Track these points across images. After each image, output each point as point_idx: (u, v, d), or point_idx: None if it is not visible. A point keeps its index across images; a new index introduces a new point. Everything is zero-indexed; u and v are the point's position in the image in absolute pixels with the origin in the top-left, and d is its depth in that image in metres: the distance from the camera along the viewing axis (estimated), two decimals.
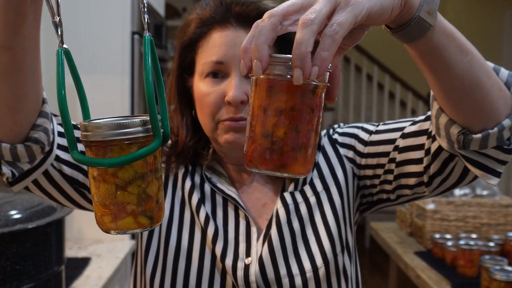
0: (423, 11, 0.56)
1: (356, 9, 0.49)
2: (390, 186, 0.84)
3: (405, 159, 0.80)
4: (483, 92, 0.63)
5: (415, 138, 0.78)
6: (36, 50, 0.65)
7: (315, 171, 0.89)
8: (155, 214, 0.57)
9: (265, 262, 0.82)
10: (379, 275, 4.25)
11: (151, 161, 0.56)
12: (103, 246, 1.91)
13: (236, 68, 0.81)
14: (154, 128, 0.53)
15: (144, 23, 0.55)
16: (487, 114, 0.65)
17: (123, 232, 0.56)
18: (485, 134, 0.65)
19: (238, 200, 0.87)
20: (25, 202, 1.22)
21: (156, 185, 0.57)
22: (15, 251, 1.11)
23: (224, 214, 0.87)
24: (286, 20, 0.50)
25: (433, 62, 0.62)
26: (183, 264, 0.84)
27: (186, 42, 0.86)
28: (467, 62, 0.61)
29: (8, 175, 0.71)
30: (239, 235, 0.85)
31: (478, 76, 0.63)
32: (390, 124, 0.87)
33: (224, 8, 0.83)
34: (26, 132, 0.69)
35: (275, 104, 0.50)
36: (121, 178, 0.55)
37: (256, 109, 0.52)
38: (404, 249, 2.11)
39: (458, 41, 0.61)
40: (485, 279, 1.57)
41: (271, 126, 0.51)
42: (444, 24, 0.60)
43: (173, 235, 0.86)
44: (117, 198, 0.55)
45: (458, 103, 0.65)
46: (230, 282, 0.83)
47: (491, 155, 0.68)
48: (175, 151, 0.90)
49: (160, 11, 2.54)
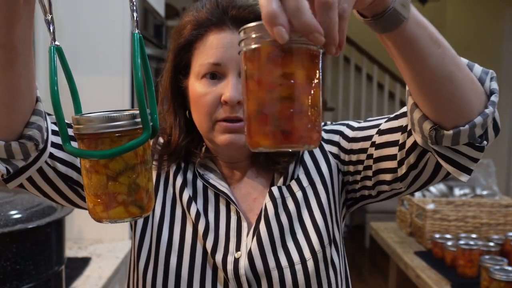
0: (398, 3, 0.57)
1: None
2: (370, 182, 0.85)
3: (381, 155, 0.81)
4: (455, 84, 0.64)
5: (390, 134, 0.79)
6: (29, 49, 0.65)
7: (301, 167, 0.91)
8: (145, 204, 0.59)
9: (254, 255, 0.84)
10: (379, 275, 4.25)
11: (141, 153, 0.58)
12: (103, 246, 1.91)
13: (233, 70, 0.82)
14: (143, 121, 0.55)
15: (133, 21, 0.58)
16: (458, 109, 0.65)
17: (115, 221, 0.58)
18: (456, 131, 0.65)
19: (230, 195, 0.89)
20: (25, 202, 1.22)
21: (146, 176, 0.59)
22: (15, 251, 1.11)
23: (215, 209, 0.89)
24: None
25: (406, 53, 0.63)
26: (175, 259, 0.85)
27: (182, 44, 0.86)
28: (439, 54, 0.63)
29: (3, 172, 0.71)
30: (230, 230, 0.87)
31: (450, 68, 0.64)
32: (371, 121, 0.88)
33: (221, 11, 0.84)
34: (20, 129, 0.70)
35: (277, 71, 0.47)
36: (112, 169, 0.57)
37: (253, 83, 0.49)
38: (404, 249, 2.11)
39: (430, 33, 0.62)
40: (485, 279, 1.57)
41: (271, 97, 0.48)
42: (417, 16, 0.61)
43: (164, 232, 0.87)
44: (108, 188, 0.57)
45: (430, 96, 0.66)
46: (222, 277, 0.84)
47: (463, 152, 0.68)
48: (167, 150, 0.91)
49: (160, 11, 2.54)
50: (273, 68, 0.48)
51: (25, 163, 0.72)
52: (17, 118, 0.69)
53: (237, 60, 0.82)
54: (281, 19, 0.45)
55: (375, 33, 0.62)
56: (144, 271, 0.86)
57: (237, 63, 0.82)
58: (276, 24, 0.45)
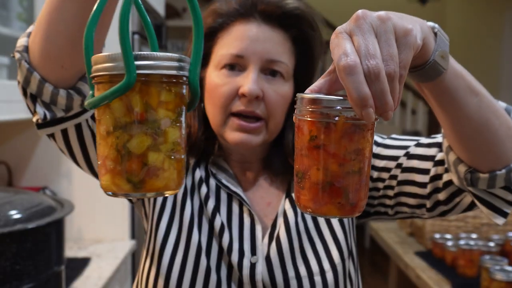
0: (437, 55, 0.57)
1: (414, 45, 0.49)
2: (390, 201, 0.85)
3: (407, 179, 0.80)
4: (491, 132, 0.65)
5: (420, 161, 0.79)
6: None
7: None
8: (137, 179, 0.45)
9: (273, 263, 0.82)
10: (379, 275, 4.24)
11: (139, 109, 0.45)
12: (103, 246, 1.90)
13: (255, 63, 0.81)
14: (125, 63, 0.43)
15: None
16: (495, 155, 0.66)
17: (106, 192, 0.47)
18: (493, 175, 0.66)
19: (243, 196, 0.87)
20: (25, 202, 1.22)
21: (146, 142, 0.45)
22: (15, 251, 1.10)
23: (228, 210, 0.87)
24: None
25: (443, 102, 0.63)
26: (194, 253, 0.83)
27: (206, 31, 0.84)
28: (476, 103, 0.63)
29: (40, 116, 0.69)
30: (244, 231, 0.85)
31: (486, 116, 0.64)
32: (396, 140, 0.87)
33: (251, 3, 0.83)
34: (74, 80, 0.68)
35: (352, 146, 0.49)
36: (102, 125, 0.46)
37: (325, 154, 0.50)
38: (404, 249, 2.11)
39: (468, 83, 0.62)
40: (485, 279, 1.57)
41: (343, 171, 0.49)
42: (455, 67, 0.61)
43: (185, 225, 0.85)
44: (99, 149, 0.47)
45: (466, 142, 0.66)
46: (236, 277, 0.83)
47: (499, 195, 0.69)
48: (188, 143, 0.88)
49: (160, 11, 2.54)
50: (348, 143, 0.49)
51: (64, 114, 0.71)
52: (76, 62, 0.66)
53: (260, 54, 0.81)
54: (371, 102, 0.46)
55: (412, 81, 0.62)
56: (169, 264, 0.83)
57: (259, 57, 0.81)
58: (367, 107, 0.46)
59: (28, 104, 0.71)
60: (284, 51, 0.83)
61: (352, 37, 0.48)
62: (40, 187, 1.89)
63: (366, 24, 0.48)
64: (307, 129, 0.50)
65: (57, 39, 0.64)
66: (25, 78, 0.67)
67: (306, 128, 0.50)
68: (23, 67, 0.67)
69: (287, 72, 0.84)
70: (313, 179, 0.50)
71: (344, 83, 0.46)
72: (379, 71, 0.46)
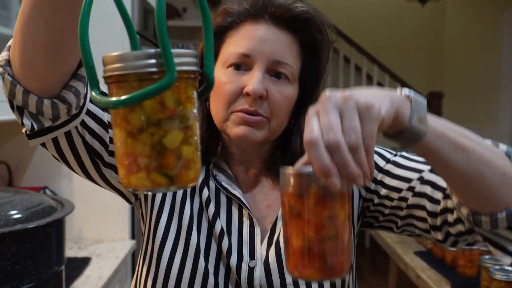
0: (415, 120, 0.60)
1: (377, 117, 0.54)
2: (400, 221, 0.85)
3: (418, 203, 0.81)
4: (484, 182, 0.65)
5: (433, 189, 0.79)
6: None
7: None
8: (175, 173, 0.47)
9: (272, 268, 0.82)
10: (379, 275, 4.24)
11: (171, 105, 0.46)
12: (103, 246, 1.91)
13: (261, 63, 0.82)
14: (165, 61, 0.44)
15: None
16: (492, 200, 0.66)
17: (138, 190, 0.48)
18: (494, 217, 0.66)
19: (243, 199, 0.87)
20: (25, 202, 1.22)
21: (179, 137, 0.46)
22: (15, 251, 1.11)
23: (227, 213, 0.87)
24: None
25: (429, 160, 0.67)
26: (192, 255, 0.83)
27: (215, 30, 0.85)
28: (464, 158, 0.64)
29: (28, 127, 0.70)
30: (243, 235, 0.85)
31: (476, 168, 0.64)
32: (408, 160, 0.86)
33: (261, 4, 0.84)
34: (57, 89, 0.68)
35: (325, 213, 0.54)
36: (131, 123, 0.46)
37: (301, 222, 0.55)
38: (404, 249, 2.11)
39: (452, 140, 0.63)
40: (485, 279, 1.57)
41: (320, 237, 0.54)
42: (436, 128, 0.63)
43: (185, 225, 0.85)
44: (127, 147, 0.47)
45: (461, 192, 0.68)
46: (234, 280, 0.83)
47: (505, 235, 0.69)
48: None
49: None
50: (322, 210, 0.54)
51: (52, 123, 0.71)
52: (55, 70, 0.66)
53: (266, 55, 0.82)
54: (334, 171, 0.51)
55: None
56: (167, 266, 0.83)
57: (265, 58, 0.82)
58: (330, 176, 0.51)
59: (16, 116, 0.72)
60: (291, 53, 0.84)
61: (319, 116, 0.54)
62: (40, 187, 1.90)
63: (331, 104, 0.54)
64: (286, 200, 0.57)
65: (33, 48, 0.64)
66: (10, 91, 0.68)
67: (286, 199, 0.57)
68: (6, 81, 0.68)
69: (292, 75, 0.84)
70: (294, 246, 0.56)
71: (308, 156, 0.52)
72: (339, 143, 0.51)
